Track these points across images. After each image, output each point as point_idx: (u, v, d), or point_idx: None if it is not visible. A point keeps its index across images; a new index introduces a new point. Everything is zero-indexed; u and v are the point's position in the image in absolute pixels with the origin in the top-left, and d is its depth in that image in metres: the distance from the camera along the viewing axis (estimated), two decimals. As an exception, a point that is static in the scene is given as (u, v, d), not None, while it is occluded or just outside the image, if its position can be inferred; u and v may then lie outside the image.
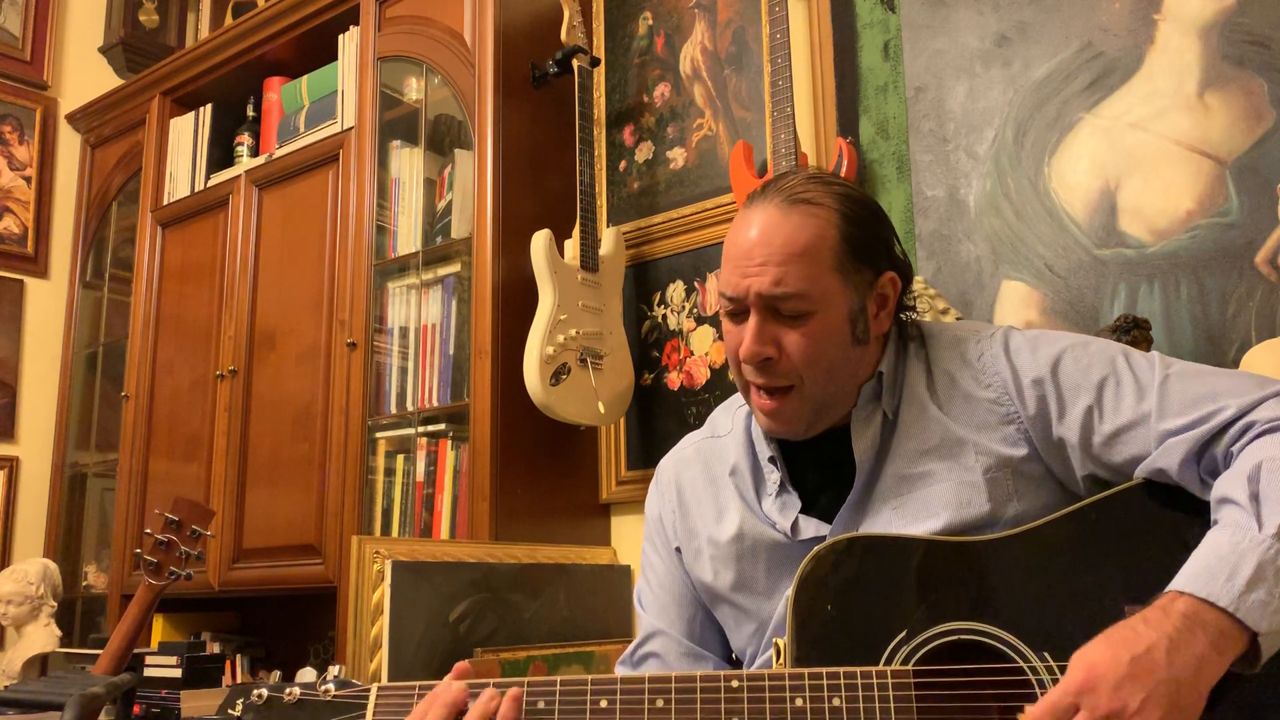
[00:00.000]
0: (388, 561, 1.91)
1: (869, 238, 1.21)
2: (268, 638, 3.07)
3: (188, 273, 3.11)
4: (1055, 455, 1.15)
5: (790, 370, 1.17)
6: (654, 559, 1.38)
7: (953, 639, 1.05)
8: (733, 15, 2.52)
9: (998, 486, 1.14)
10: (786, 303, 1.16)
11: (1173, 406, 1.09)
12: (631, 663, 1.36)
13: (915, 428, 1.19)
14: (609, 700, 1.07)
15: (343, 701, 1.13)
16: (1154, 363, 1.14)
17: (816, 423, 1.21)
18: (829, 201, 1.19)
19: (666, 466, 1.41)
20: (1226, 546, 0.95)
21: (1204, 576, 0.93)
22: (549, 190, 2.55)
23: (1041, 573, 1.06)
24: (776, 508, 1.23)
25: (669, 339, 2.50)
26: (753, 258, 1.17)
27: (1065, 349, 1.18)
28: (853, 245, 1.18)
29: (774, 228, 1.18)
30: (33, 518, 3.39)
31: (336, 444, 2.56)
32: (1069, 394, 1.14)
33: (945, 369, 1.22)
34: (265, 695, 1.14)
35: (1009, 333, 1.22)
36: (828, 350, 1.17)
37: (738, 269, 1.19)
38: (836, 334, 1.18)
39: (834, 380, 1.19)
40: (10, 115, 3.54)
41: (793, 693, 1.03)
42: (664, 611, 1.35)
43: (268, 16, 3.01)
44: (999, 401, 1.17)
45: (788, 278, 1.15)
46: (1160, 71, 1.89)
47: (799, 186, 1.21)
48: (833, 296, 1.17)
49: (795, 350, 1.16)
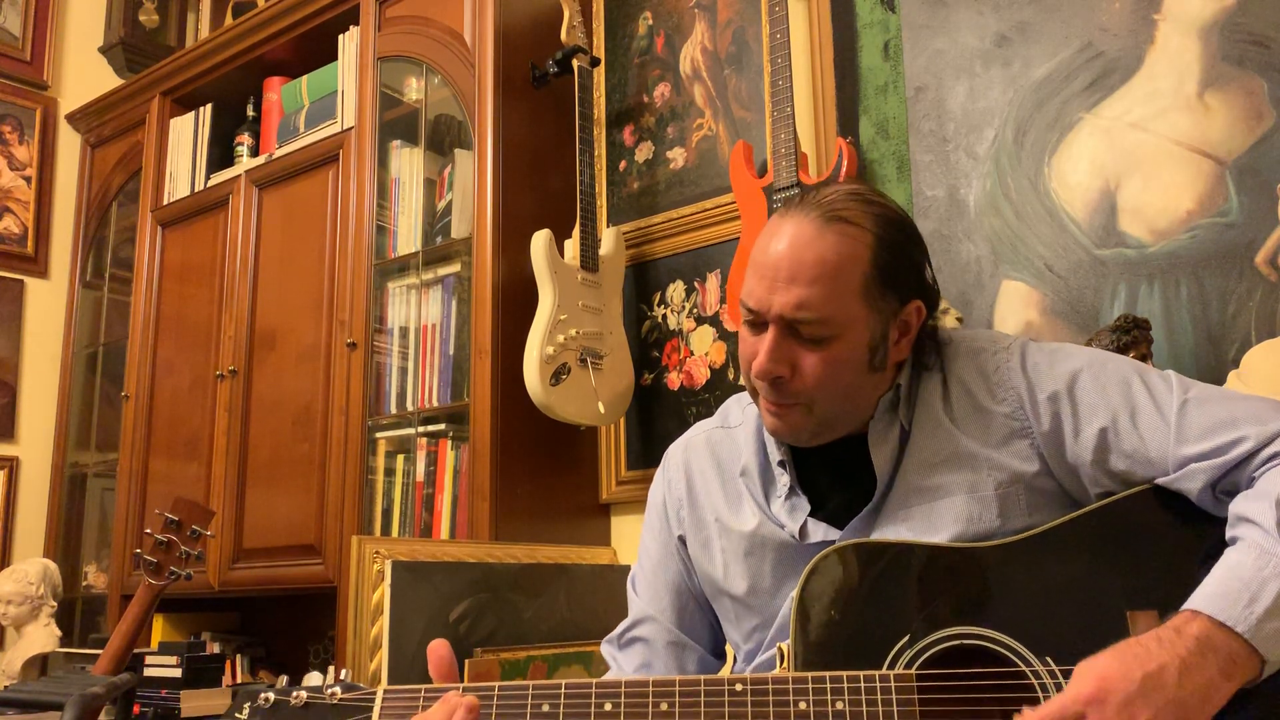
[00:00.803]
0: (388, 561, 1.91)
1: (901, 264, 1.17)
2: (268, 638, 3.07)
3: (188, 273, 3.11)
4: (1068, 472, 1.15)
5: (801, 391, 1.16)
6: (651, 545, 1.38)
7: (956, 644, 1.05)
8: (733, 15, 2.52)
9: (1010, 501, 1.14)
10: (807, 326, 1.13)
11: (1191, 432, 1.08)
12: (619, 644, 1.36)
13: (928, 440, 1.19)
14: (614, 703, 1.07)
15: (349, 705, 1.13)
16: (1172, 384, 1.12)
17: (822, 435, 1.21)
18: (866, 223, 1.16)
19: (675, 453, 1.39)
20: (1249, 571, 0.95)
21: (1224, 599, 0.94)
22: (549, 190, 2.55)
23: (1044, 578, 1.06)
24: (785, 510, 1.23)
25: (669, 339, 2.50)
26: (779, 272, 1.14)
27: (1083, 366, 1.16)
28: (883, 272, 1.15)
29: (805, 244, 1.14)
30: (33, 518, 3.40)
31: (336, 444, 2.56)
32: (1085, 413, 1.13)
33: (961, 380, 1.21)
34: (272, 699, 1.14)
35: (1026, 345, 1.21)
36: (843, 376, 1.16)
37: (763, 281, 1.15)
38: (854, 360, 1.16)
39: (846, 402, 1.18)
40: (10, 115, 3.54)
41: (796, 696, 1.03)
42: (656, 598, 1.34)
43: (268, 16, 3.01)
44: (1013, 416, 1.16)
45: (812, 300, 1.12)
46: (1160, 71, 1.89)
47: (838, 203, 1.16)
48: (855, 323, 1.14)
49: (810, 373, 1.15)
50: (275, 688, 1.15)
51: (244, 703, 1.15)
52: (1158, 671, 0.90)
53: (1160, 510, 1.09)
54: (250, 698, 1.14)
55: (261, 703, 1.14)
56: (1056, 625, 1.03)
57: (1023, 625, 1.04)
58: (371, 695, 1.13)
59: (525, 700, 1.09)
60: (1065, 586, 1.05)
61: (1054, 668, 1.01)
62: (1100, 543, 1.07)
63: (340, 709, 1.12)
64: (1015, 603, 1.05)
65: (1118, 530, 1.08)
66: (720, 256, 2.42)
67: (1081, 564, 1.06)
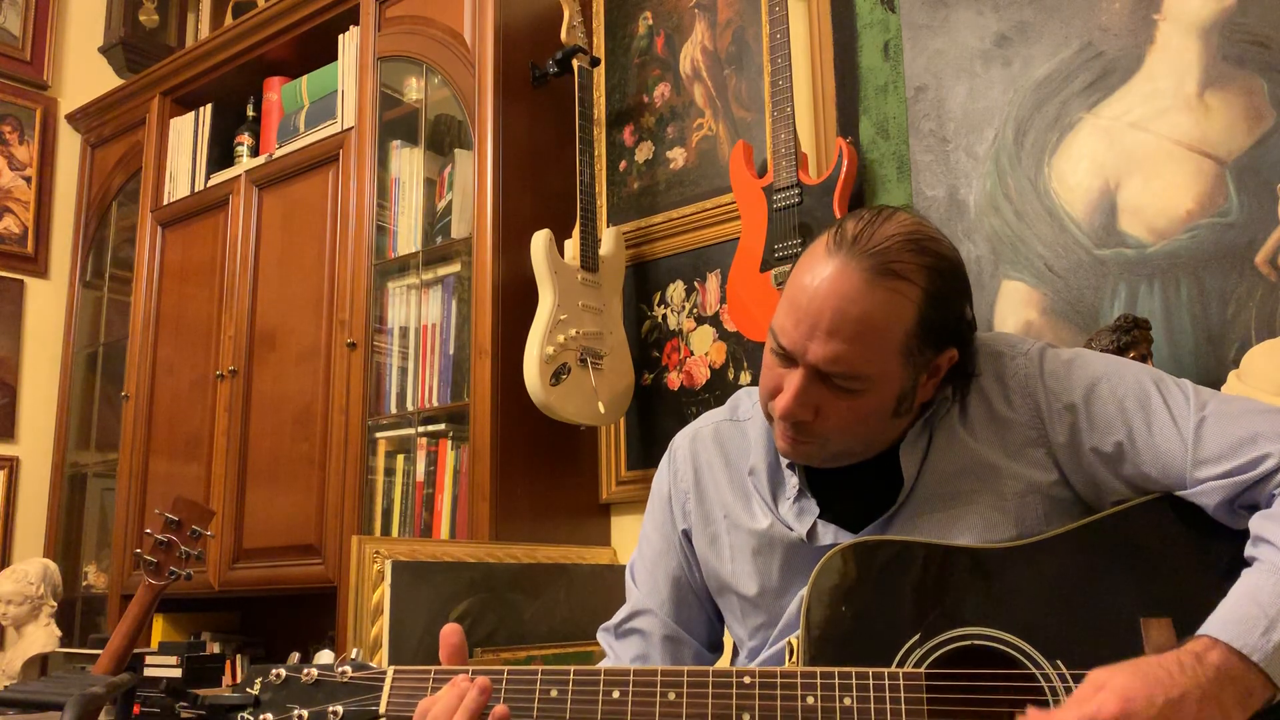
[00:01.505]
0: (388, 561, 1.91)
1: (946, 320, 1.13)
2: (268, 638, 3.07)
3: (188, 273, 3.11)
4: (1084, 482, 1.14)
5: (822, 433, 1.15)
6: (653, 535, 1.36)
7: (966, 644, 1.05)
8: (733, 15, 2.52)
9: (1026, 510, 1.13)
10: (840, 379, 1.11)
11: (1210, 449, 1.07)
12: (615, 633, 1.36)
13: (944, 451, 1.18)
14: (621, 691, 1.07)
15: (359, 683, 1.13)
16: (1190, 398, 1.11)
17: (835, 463, 1.20)
18: (918, 278, 1.10)
19: (682, 443, 1.37)
20: (1267, 596, 0.95)
21: (1240, 625, 0.94)
22: (549, 190, 2.55)
23: (1056, 581, 1.06)
24: (793, 512, 1.22)
25: (669, 339, 2.50)
26: (820, 321, 1.09)
27: (1101, 377, 1.15)
28: (927, 329, 1.11)
29: (852, 298, 1.08)
30: (33, 518, 3.40)
31: (336, 444, 2.56)
32: (1101, 426, 1.12)
33: (978, 385, 1.19)
34: (283, 675, 1.15)
35: (1045, 352, 1.19)
36: (867, 422, 1.15)
37: (801, 325, 1.10)
38: (880, 410, 1.14)
39: (862, 443, 1.18)
40: (10, 115, 3.54)
41: (804, 691, 1.03)
42: (655, 590, 1.34)
43: (268, 16, 3.01)
44: (1029, 424, 1.16)
45: (850, 358, 1.09)
46: (1160, 71, 1.89)
47: (893, 253, 1.10)
48: (890, 378, 1.12)
49: (833, 419, 1.13)
50: (287, 664, 1.16)
51: (255, 678, 1.16)
52: (1179, 699, 0.90)
53: (1175, 518, 1.08)
54: (262, 673, 1.16)
55: (273, 679, 1.15)
56: (1068, 629, 1.03)
57: (1034, 628, 1.03)
58: (381, 675, 1.13)
59: (534, 685, 1.09)
60: (1078, 591, 1.05)
61: (1064, 671, 1.01)
62: (1114, 548, 1.07)
63: (350, 687, 1.13)
64: (1027, 605, 1.05)
65: (1132, 536, 1.07)
66: (720, 256, 2.42)
67: (1095, 569, 1.06)
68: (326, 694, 1.13)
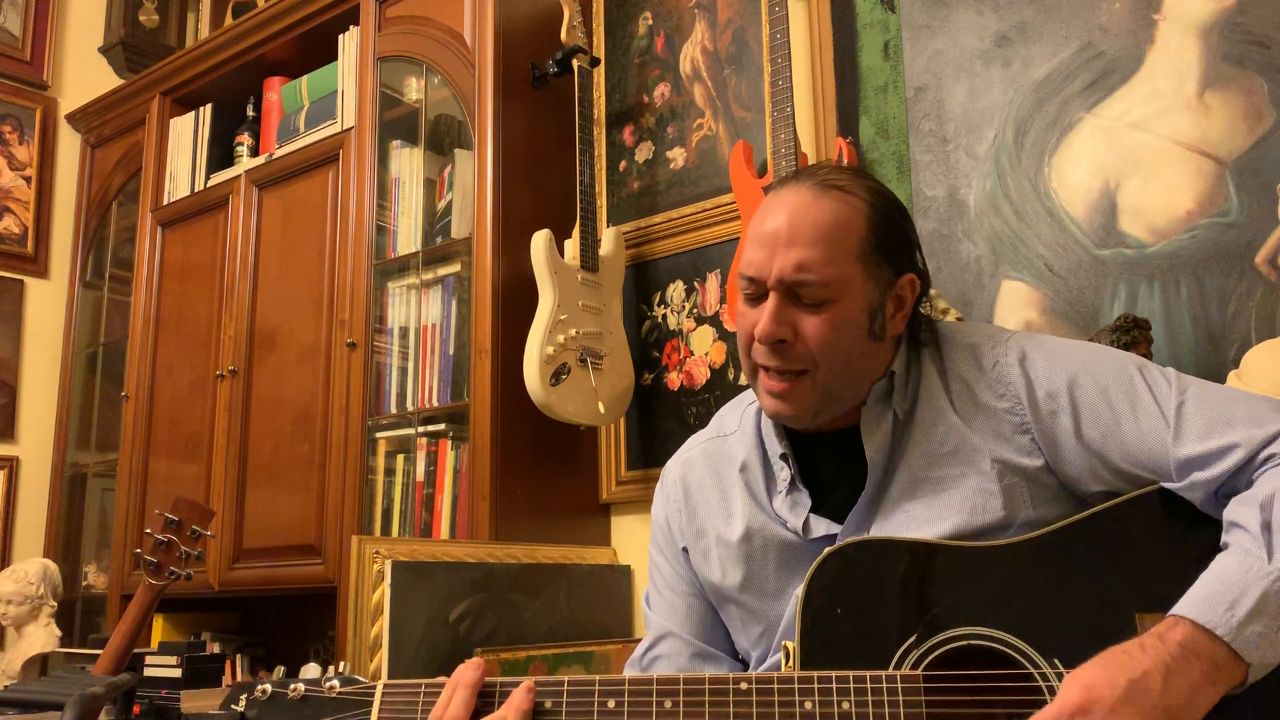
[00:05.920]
0: (388, 561, 1.91)
1: (895, 234, 1.21)
2: (268, 638, 3.07)
3: (188, 273, 3.11)
4: (1069, 468, 1.14)
5: (805, 355, 1.17)
6: (660, 562, 1.38)
7: (963, 644, 1.05)
8: (733, 15, 2.52)
9: (1013, 493, 1.14)
10: (807, 289, 1.15)
11: (1190, 431, 1.07)
12: (640, 665, 1.35)
13: (930, 431, 1.18)
14: (616, 701, 1.06)
15: (348, 698, 1.12)
16: (1171, 382, 1.12)
17: (824, 411, 1.20)
18: (860, 192, 1.20)
19: (672, 469, 1.40)
20: (1233, 574, 0.95)
21: (1206, 603, 0.94)
22: (549, 190, 2.55)
23: (1052, 579, 1.06)
24: (787, 506, 1.23)
25: (669, 339, 2.50)
26: (779, 237, 1.16)
27: (1082, 364, 1.16)
28: (878, 238, 1.18)
29: (803, 209, 1.17)
30: (33, 518, 3.40)
31: (336, 444, 2.56)
32: (1084, 411, 1.13)
33: (959, 374, 1.21)
34: (269, 691, 1.13)
35: (1024, 341, 1.21)
36: (844, 339, 1.17)
37: (763, 247, 1.17)
38: (854, 325, 1.17)
39: (847, 370, 1.18)
40: (10, 115, 3.54)
41: (801, 695, 1.02)
42: (673, 613, 1.34)
43: (268, 16, 3.01)
44: (1012, 411, 1.16)
45: (812, 262, 1.15)
46: (1160, 71, 1.89)
47: (832, 174, 1.21)
48: (854, 287, 1.17)
49: (812, 335, 1.16)
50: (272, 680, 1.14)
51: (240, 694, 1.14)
52: (1142, 678, 0.90)
53: (1169, 512, 1.08)
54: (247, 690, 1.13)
55: (258, 695, 1.13)
56: (1065, 628, 1.02)
57: (1031, 627, 1.03)
58: (371, 690, 1.12)
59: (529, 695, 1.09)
60: (1074, 588, 1.05)
61: (1062, 670, 1.00)
62: (1109, 545, 1.07)
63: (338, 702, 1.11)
64: (1023, 604, 1.05)
65: (1126, 532, 1.07)
66: (720, 256, 2.42)
67: (1090, 566, 1.06)
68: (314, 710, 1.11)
